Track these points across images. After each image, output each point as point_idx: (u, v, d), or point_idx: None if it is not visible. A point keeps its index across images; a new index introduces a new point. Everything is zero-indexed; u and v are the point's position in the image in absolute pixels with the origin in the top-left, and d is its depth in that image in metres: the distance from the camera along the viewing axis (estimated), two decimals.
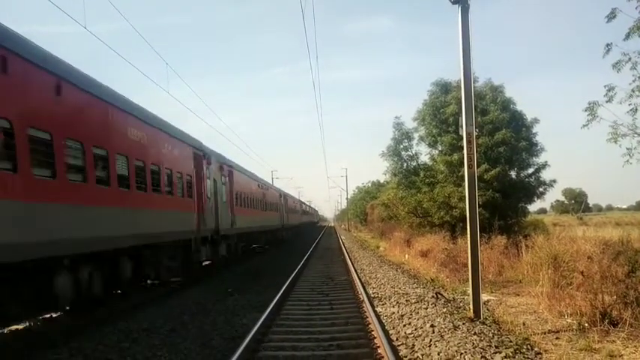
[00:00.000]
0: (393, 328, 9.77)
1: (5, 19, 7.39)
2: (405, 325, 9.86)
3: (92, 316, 10.83)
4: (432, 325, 9.55)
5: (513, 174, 27.19)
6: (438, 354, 7.69)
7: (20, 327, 10.27)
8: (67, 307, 10.49)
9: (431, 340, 8.50)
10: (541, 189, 27.36)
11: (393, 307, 11.96)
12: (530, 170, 27.27)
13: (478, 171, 13.07)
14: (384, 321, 10.33)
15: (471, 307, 10.56)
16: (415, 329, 9.42)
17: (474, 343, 8.14)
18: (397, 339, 8.88)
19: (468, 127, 10.58)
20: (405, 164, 30.93)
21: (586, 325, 9.51)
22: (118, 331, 9.88)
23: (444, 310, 11.21)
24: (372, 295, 13.63)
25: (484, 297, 11.91)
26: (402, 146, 30.73)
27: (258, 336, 8.93)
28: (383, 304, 12.36)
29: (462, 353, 7.64)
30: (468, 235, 10.67)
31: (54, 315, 10.97)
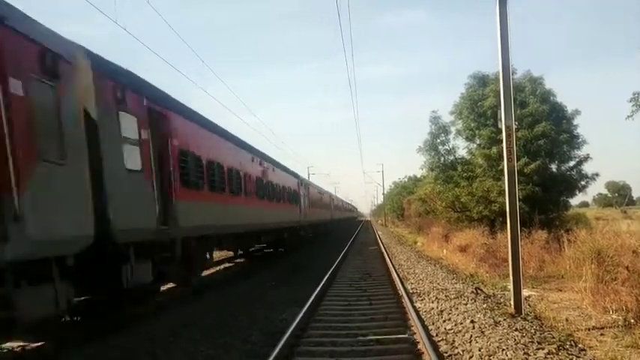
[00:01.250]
0: (433, 323, 9.72)
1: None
2: (444, 321, 9.79)
3: (135, 311, 11.04)
4: (472, 321, 9.46)
5: (554, 167, 26.71)
6: (479, 350, 7.62)
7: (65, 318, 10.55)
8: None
9: (471, 336, 8.43)
10: (583, 182, 26.78)
11: (432, 302, 11.89)
12: (572, 163, 26.73)
13: (518, 165, 12.88)
14: (423, 316, 10.29)
15: (512, 302, 10.44)
16: (455, 325, 9.36)
17: (515, 339, 8.04)
18: (437, 334, 8.83)
19: (507, 120, 10.45)
20: (443, 158, 30.66)
21: (632, 321, 9.29)
22: (162, 325, 10.08)
23: (484, 305, 11.08)
24: (411, 291, 13.58)
25: (525, 292, 11.73)
26: (439, 140, 30.46)
27: (297, 332, 8.99)
28: (422, 300, 12.29)
29: (503, 349, 7.55)
30: (508, 230, 10.55)
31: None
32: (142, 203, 10.02)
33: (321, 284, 14.16)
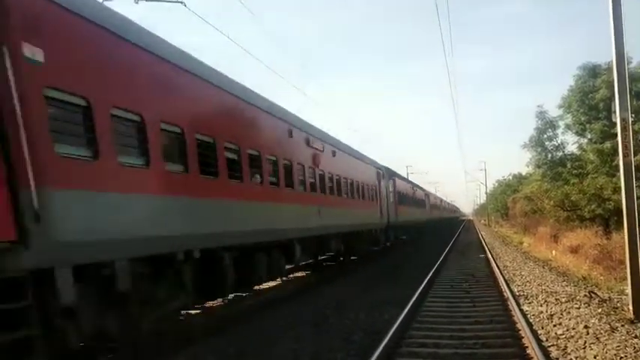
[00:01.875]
0: (542, 328, 9.27)
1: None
2: (555, 326, 9.31)
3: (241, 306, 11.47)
4: (585, 326, 8.93)
5: None
6: (594, 357, 7.17)
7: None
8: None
9: (585, 342, 7.95)
10: None
11: (541, 305, 11.35)
12: None
13: (635, 160, 12.00)
14: (531, 320, 9.85)
15: (631, 307, 9.78)
16: (567, 330, 8.87)
17: (635, 347, 7.50)
18: (547, 339, 8.41)
19: (622, 113, 9.82)
20: (550, 155, 29.53)
21: None
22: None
23: (599, 310, 10.43)
24: (517, 293, 13.04)
25: None
26: (545, 136, 29.40)
27: (399, 332, 8.89)
28: (529, 303, 11.77)
29: (621, 357, 7.07)
30: (625, 230, 9.96)
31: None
32: (392, 211, 28.11)
33: (424, 282, 14.08)
